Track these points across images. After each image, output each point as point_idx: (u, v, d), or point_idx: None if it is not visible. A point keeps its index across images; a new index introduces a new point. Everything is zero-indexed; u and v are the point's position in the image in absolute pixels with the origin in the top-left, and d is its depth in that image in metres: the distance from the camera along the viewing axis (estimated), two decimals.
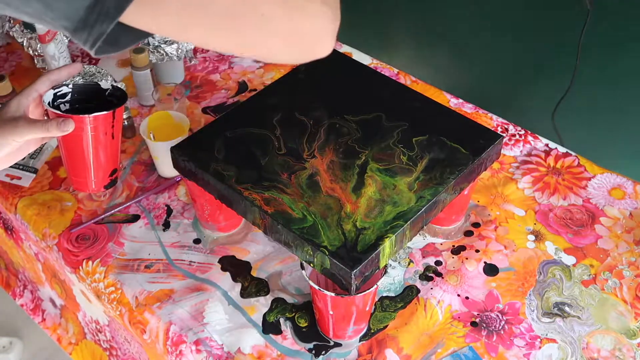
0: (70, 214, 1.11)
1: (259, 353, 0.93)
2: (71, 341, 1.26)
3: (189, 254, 1.05)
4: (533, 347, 0.94)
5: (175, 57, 1.31)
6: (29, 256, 1.23)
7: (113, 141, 0.88)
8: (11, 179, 1.17)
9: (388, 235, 0.83)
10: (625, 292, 1.00)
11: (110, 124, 0.86)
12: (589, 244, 1.06)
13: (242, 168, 0.92)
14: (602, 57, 1.49)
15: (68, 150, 0.87)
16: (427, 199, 0.88)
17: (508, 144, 1.22)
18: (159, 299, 0.99)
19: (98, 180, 0.90)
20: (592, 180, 1.16)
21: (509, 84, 1.70)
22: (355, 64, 1.11)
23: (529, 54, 1.62)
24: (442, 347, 0.94)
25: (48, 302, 1.30)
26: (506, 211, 1.11)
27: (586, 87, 1.52)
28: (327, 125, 0.98)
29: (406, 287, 1.00)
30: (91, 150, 0.86)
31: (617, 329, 0.96)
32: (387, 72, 1.38)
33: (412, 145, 0.95)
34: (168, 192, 1.14)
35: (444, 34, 1.77)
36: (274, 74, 1.38)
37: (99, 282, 1.03)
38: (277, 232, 0.87)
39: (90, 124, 0.84)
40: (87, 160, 0.87)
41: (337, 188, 0.89)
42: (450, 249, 1.05)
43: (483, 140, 0.96)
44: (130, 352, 1.12)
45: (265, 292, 1.00)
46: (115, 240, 1.07)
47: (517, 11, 1.59)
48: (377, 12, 1.89)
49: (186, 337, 0.95)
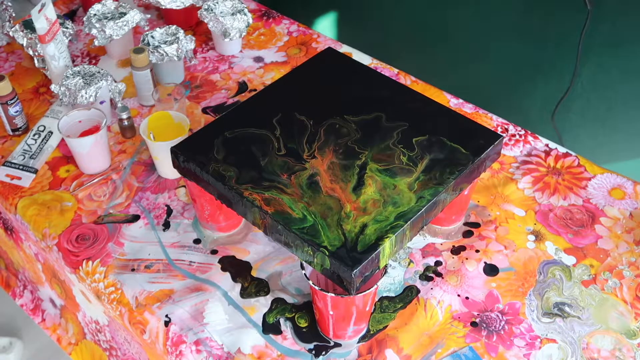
0: (70, 214, 1.11)
1: (259, 353, 0.93)
2: (71, 341, 1.26)
3: (189, 254, 1.05)
4: (533, 347, 0.94)
5: (175, 57, 1.31)
6: (28, 256, 1.23)
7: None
8: (11, 179, 1.17)
9: (388, 235, 0.83)
10: (626, 292, 1.00)
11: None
12: (589, 244, 1.06)
13: (242, 168, 0.92)
14: (602, 57, 1.49)
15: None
16: (427, 199, 0.88)
17: (508, 144, 1.22)
18: (159, 299, 0.99)
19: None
20: (592, 180, 1.16)
21: (509, 84, 1.70)
22: (355, 64, 1.11)
23: (529, 54, 1.62)
24: (442, 347, 0.94)
25: (48, 302, 1.30)
26: (506, 211, 1.11)
27: (586, 87, 1.53)
28: (327, 125, 0.98)
29: (406, 287, 1.00)
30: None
31: (617, 329, 0.96)
32: (387, 72, 1.38)
33: (412, 146, 0.95)
34: (168, 192, 1.14)
35: (444, 34, 1.77)
36: (274, 74, 1.38)
37: (99, 282, 1.03)
38: (277, 232, 0.87)
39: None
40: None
41: (337, 188, 0.90)
42: (450, 249, 1.05)
43: (483, 140, 0.96)
44: (130, 352, 1.12)
45: (265, 292, 1.00)
46: (115, 240, 1.07)
47: (517, 11, 1.59)
48: (377, 12, 1.89)
49: (186, 337, 0.95)
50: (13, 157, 1.20)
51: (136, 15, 1.37)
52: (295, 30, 1.50)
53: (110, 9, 1.38)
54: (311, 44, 1.45)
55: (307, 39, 1.47)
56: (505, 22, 1.63)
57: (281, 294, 1.00)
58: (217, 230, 1.07)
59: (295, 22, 1.52)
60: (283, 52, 1.44)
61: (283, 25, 1.51)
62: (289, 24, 1.51)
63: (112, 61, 1.42)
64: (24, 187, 1.16)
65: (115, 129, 1.26)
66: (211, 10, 1.38)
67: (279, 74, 1.38)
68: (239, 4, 1.40)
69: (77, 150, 1.14)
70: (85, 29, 1.36)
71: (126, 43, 1.40)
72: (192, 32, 1.49)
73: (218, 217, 1.04)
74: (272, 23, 1.52)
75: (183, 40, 1.32)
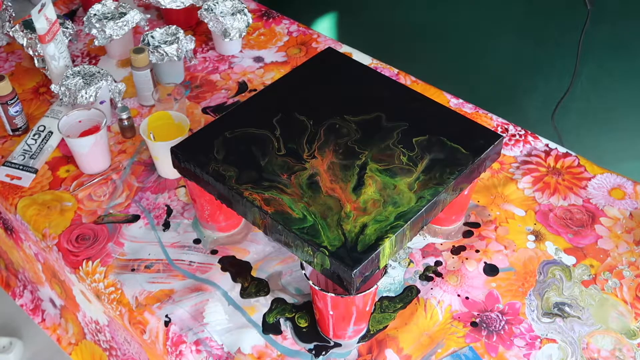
0: (70, 214, 1.11)
1: (259, 353, 0.93)
2: (71, 341, 1.26)
3: (189, 254, 1.05)
4: (533, 347, 0.94)
5: (175, 57, 1.31)
6: (28, 256, 1.23)
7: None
8: (11, 179, 1.17)
9: (388, 235, 0.83)
10: (626, 292, 1.00)
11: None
12: (589, 244, 1.06)
13: (242, 168, 0.92)
14: (602, 57, 1.49)
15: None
16: (427, 199, 0.88)
17: (508, 144, 1.22)
18: (159, 299, 0.99)
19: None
20: (592, 180, 1.16)
21: (509, 84, 1.70)
22: (355, 64, 1.11)
23: (529, 54, 1.62)
24: (442, 347, 0.94)
25: (48, 302, 1.30)
26: (506, 211, 1.11)
27: (586, 87, 1.53)
28: (327, 125, 0.98)
29: (406, 287, 1.00)
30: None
31: (617, 329, 0.96)
32: (387, 72, 1.38)
33: (412, 146, 0.95)
34: (168, 192, 1.14)
35: (444, 34, 1.77)
36: (274, 74, 1.38)
37: (98, 282, 1.03)
38: (277, 232, 0.87)
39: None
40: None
41: (337, 188, 0.90)
42: (450, 249, 1.05)
43: (483, 140, 0.96)
44: (130, 353, 1.12)
45: (265, 292, 1.00)
46: (115, 240, 1.07)
47: (517, 11, 1.59)
48: (377, 12, 1.89)
49: (186, 337, 0.95)
50: (13, 157, 1.20)
51: (136, 15, 1.37)
52: (295, 30, 1.50)
53: (110, 9, 1.38)
54: (311, 44, 1.45)
55: (307, 39, 1.47)
56: (505, 22, 1.63)
57: (281, 294, 1.00)
58: (217, 230, 1.06)
59: (295, 22, 1.52)
60: (283, 52, 1.44)
61: (283, 25, 1.51)
62: (289, 24, 1.51)
63: (112, 61, 1.42)
64: (24, 187, 1.16)
65: (115, 129, 1.26)
66: (211, 10, 1.38)
67: (279, 74, 1.38)
68: (239, 4, 1.40)
69: (77, 150, 1.14)
70: (85, 29, 1.36)
71: (126, 43, 1.40)
72: (192, 32, 1.49)
73: (218, 217, 1.04)
74: (272, 23, 1.52)
75: (183, 40, 1.32)
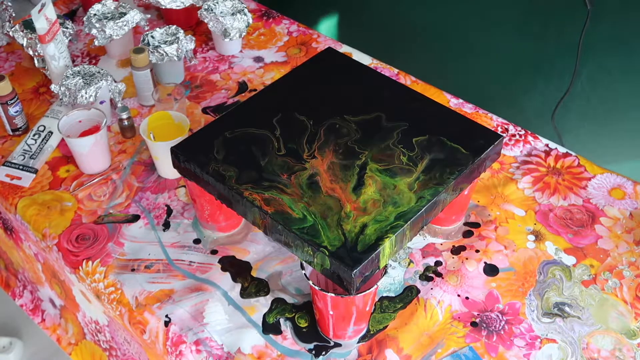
0: (70, 214, 1.11)
1: (259, 353, 0.93)
2: (71, 341, 1.26)
3: (189, 254, 1.05)
4: (533, 347, 0.94)
5: (175, 57, 1.31)
6: (28, 256, 1.23)
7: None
8: (11, 179, 1.17)
9: (388, 235, 0.83)
10: (626, 292, 1.00)
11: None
12: (589, 244, 1.06)
13: (242, 168, 0.92)
14: (602, 57, 1.49)
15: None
16: (427, 199, 0.88)
17: (508, 144, 1.22)
18: (159, 299, 0.99)
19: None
20: (592, 180, 1.16)
21: (509, 84, 1.70)
22: (355, 64, 1.11)
23: (529, 54, 1.62)
24: (442, 347, 0.94)
25: (48, 302, 1.30)
26: (506, 211, 1.11)
27: (586, 87, 1.53)
28: (327, 125, 0.98)
29: (406, 287, 1.00)
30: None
31: (617, 329, 0.96)
32: (387, 72, 1.38)
33: (412, 146, 0.95)
34: (168, 192, 1.14)
35: (444, 34, 1.77)
36: (274, 74, 1.38)
37: (98, 282, 1.03)
38: (277, 232, 0.87)
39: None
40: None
41: (337, 188, 0.89)
42: (450, 249, 1.05)
43: (483, 140, 0.96)
44: (130, 353, 1.12)
45: (265, 292, 1.00)
46: (115, 240, 1.07)
47: (517, 11, 1.59)
48: (377, 12, 1.89)
49: (186, 337, 0.95)
50: (13, 157, 1.20)
51: (136, 15, 1.37)
52: (295, 30, 1.50)
53: (110, 9, 1.38)
54: (311, 44, 1.45)
55: (307, 39, 1.47)
56: (505, 22, 1.63)
57: (281, 294, 1.00)
58: (217, 230, 1.06)
59: (295, 22, 1.52)
60: (283, 52, 1.44)
61: (283, 25, 1.51)
62: (289, 24, 1.51)
63: (112, 61, 1.42)
64: (24, 187, 1.16)
65: (115, 129, 1.26)
66: (211, 10, 1.38)
67: (279, 74, 1.38)
68: (239, 4, 1.40)
69: (77, 150, 1.14)
70: (85, 29, 1.36)
71: (126, 43, 1.40)
72: (192, 32, 1.49)
73: (218, 217, 1.04)
74: (272, 23, 1.52)
75: (183, 40, 1.32)
